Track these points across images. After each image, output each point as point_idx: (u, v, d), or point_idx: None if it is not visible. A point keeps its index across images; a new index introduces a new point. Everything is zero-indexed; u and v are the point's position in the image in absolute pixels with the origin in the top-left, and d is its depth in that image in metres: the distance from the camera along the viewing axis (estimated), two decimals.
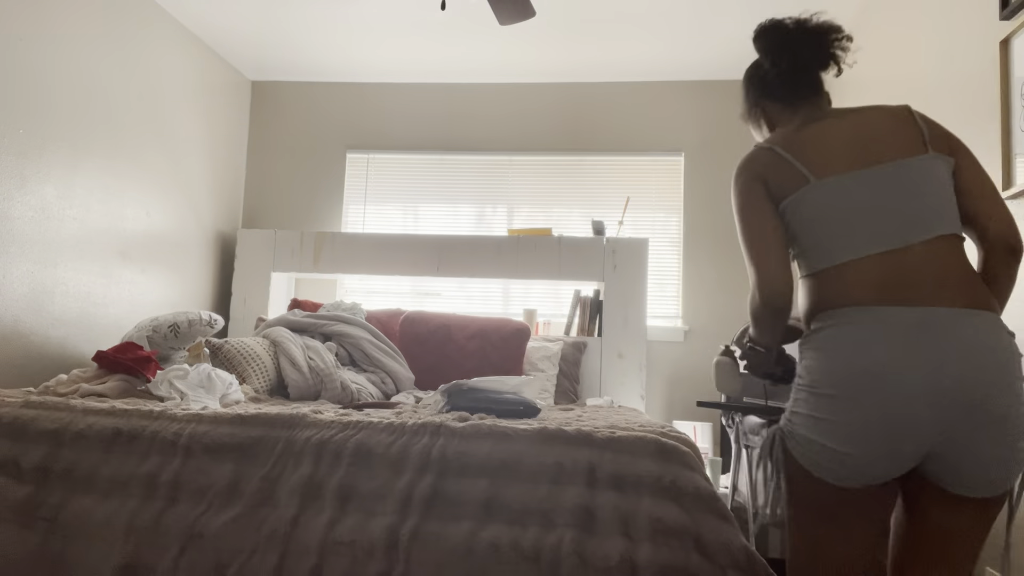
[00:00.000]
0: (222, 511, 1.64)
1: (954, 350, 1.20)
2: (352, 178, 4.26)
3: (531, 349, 3.34)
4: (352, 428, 1.75)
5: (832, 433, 1.25)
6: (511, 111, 4.13)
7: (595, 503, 1.56)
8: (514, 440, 1.68)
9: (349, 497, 1.63)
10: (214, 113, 3.96)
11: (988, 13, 2.13)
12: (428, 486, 1.61)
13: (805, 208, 1.37)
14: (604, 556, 1.47)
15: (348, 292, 4.17)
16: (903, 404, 1.20)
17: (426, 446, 1.68)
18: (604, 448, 1.65)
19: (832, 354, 1.27)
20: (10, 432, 1.82)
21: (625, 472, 1.60)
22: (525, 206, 4.12)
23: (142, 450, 1.76)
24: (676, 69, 3.88)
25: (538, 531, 1.54)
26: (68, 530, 1.66)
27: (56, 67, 2.82)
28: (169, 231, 3.58)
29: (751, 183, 1.42)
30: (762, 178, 1.41)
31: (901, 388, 1.20)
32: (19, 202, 2.66)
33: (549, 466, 1.62)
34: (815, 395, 1.28)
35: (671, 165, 4.00)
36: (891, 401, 1.20)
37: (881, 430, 1.21)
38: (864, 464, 1.23)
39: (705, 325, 3.84)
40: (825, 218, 1.35)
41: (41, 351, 2.80)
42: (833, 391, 1.25)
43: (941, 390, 1.19)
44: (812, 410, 1.28)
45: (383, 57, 3.91)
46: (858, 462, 1.24)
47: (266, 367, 2.76)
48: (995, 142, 2.07)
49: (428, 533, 1.55)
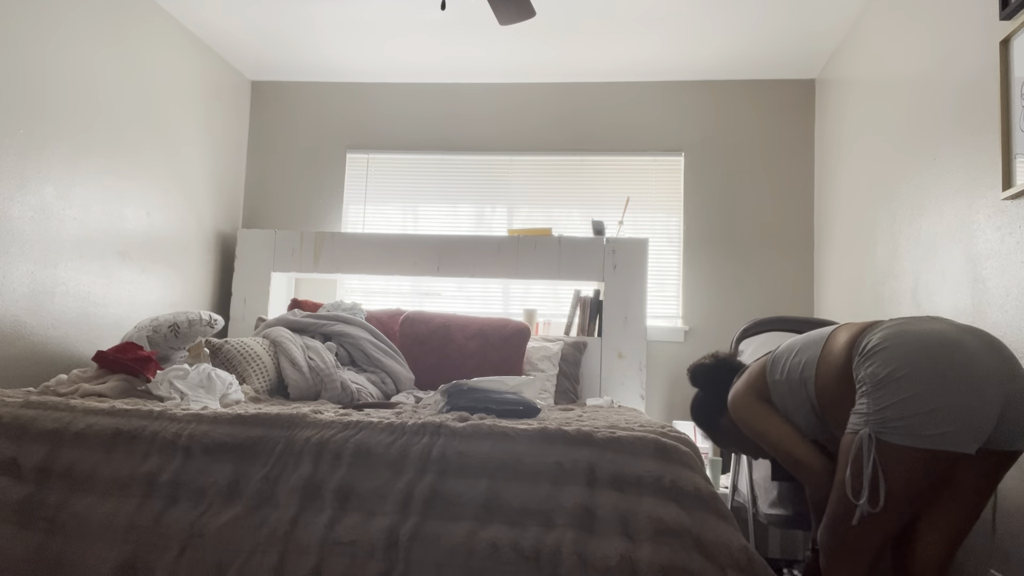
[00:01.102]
0: (222, 511, 1.64)
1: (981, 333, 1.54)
2: (352, 178, 4.26)
3: (531, 349, 3.34)
4: (352, 428, 1.75)
5: (927, 396, 1.43)
6: (511, 111, 4.13)
7: (595, 503, 1.56)
8: (514, 440, 1.67)
9: (349, 497, 1.63)
10: (214, 113, 3.96)
11: (988, 13, 2.13)
12: (428, 486, 1.61)
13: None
14: (604, 556, 1.47)
15: (348, 292, 4.17)
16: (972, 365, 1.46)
17: (426, 446, 1.68)
18: (604, 448, 1.65)
19: (894, 348, 1.50)
20: (10, 432, 1.82)
21: (625, 472, 1.60)
22: (525, 206, 4.12)
23: (142, 450, 1.76)
24: (676, 69, 3.88)
25: (538, 531, 1.54)
26: (68, 530, 1.66)
27: (56, 67, 2.82)
28: (169, 231, 3.58)
29: None
30: None
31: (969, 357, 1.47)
32: (19, 202, 2.66)
33: (549, 466, 1.62)
34: (894, 381, 1.46)
35: (671, 165, 4.01)
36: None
37: (961, 383, 1.44)
38: (966, 411, 1.42)
39: (705, 325, 3.84)
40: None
41: (41, 351, 2.80)
42: (907, 369, 1.45)
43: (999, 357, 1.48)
44: (897, 394, 1.45)
45: (383, 57, 3.91)
46: (960, 408, 1.42)
47: (266, 367, 2.76)
48: (995, 142, 2.07)
49: (428, 533, 1.55)
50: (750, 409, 1.81)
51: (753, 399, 1.82)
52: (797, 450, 1.72)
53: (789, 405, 1.76)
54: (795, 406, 1.74)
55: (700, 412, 2.15)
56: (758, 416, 1.79)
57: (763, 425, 1.78)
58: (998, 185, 2.04)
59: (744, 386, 1.87)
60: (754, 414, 1.80)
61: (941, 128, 2.42)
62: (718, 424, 2.09)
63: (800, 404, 1.73)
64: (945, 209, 2.37)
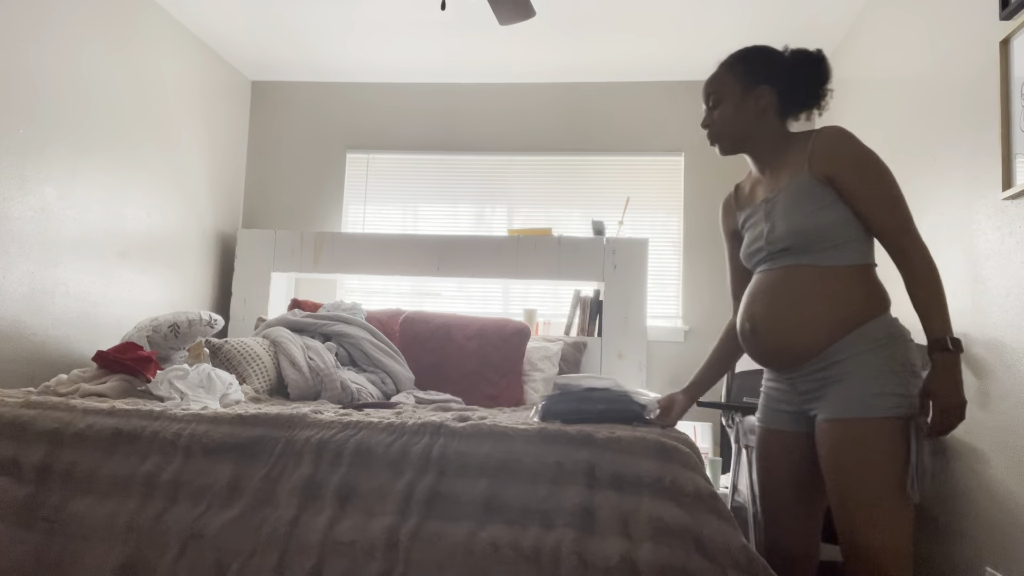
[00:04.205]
0: (222, 511, 1.64)
1: None
2: (352, 178, 4.26)
3: (531, 349, 3.34)
4: (352, 428, 1.75)
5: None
6: (511, 111, 4.13)
7: (595, 503, 1.56)
8: (514, 440, 1.67)
9: (349, 497, 1.63)
10: (214, 113, 3.96)
11: (988, 13, 2.13)
12: (428, 486, 1.61)
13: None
14: (604, 556, 1.47)
15: (348, 292, 4.17)
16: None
17: (426, 446, 1.68)
18: (604, 448, 1.64)
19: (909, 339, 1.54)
20: (10, 432, 1.82)
21: (625, 472, 1.60)
22: (525, 206, 4.12)
23: (142, 450, 1.76)
24: (676, 69, 3.88)
25: (538, 531, 1.54)
26: (68, 530, 1.66)
27: (56, 67, 2.82)
28: (169, 231, 3.57)
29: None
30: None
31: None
32: (19, 202, 2.66)
33: (549, 466, 1.62)
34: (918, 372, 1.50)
35: (671, 165, 4.00)
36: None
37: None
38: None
39: (705, 325, 3.84)
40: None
41: (41, 351, 2.79)
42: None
43: None
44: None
45: (383, 57, 3.91)
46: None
47: (266, 367, 2.76)
48: (995, 142, 2.07)
49: (428, 533, 1.55)
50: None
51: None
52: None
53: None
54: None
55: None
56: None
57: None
58: (998, 185, 2.04)
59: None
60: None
61: (941, 128, 2.42)
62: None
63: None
64: (945, 209, 2.37)
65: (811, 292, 1.55)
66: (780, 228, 1.59)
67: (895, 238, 1.51)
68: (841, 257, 1.55)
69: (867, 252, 1.58)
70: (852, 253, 1.55)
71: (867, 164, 1.53)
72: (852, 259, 1.55)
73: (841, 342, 1.52)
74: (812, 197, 1.56)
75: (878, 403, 1.46)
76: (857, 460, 1.47)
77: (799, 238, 1.56)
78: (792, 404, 1.67)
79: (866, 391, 1.48)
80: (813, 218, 1.55)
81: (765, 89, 1.66)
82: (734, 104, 1.68)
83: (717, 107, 1.70)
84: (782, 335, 1.59)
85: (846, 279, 1.54)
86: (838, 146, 1.56)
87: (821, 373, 1.56)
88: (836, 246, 1.55)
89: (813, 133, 1.62)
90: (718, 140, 1.73)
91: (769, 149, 1.69)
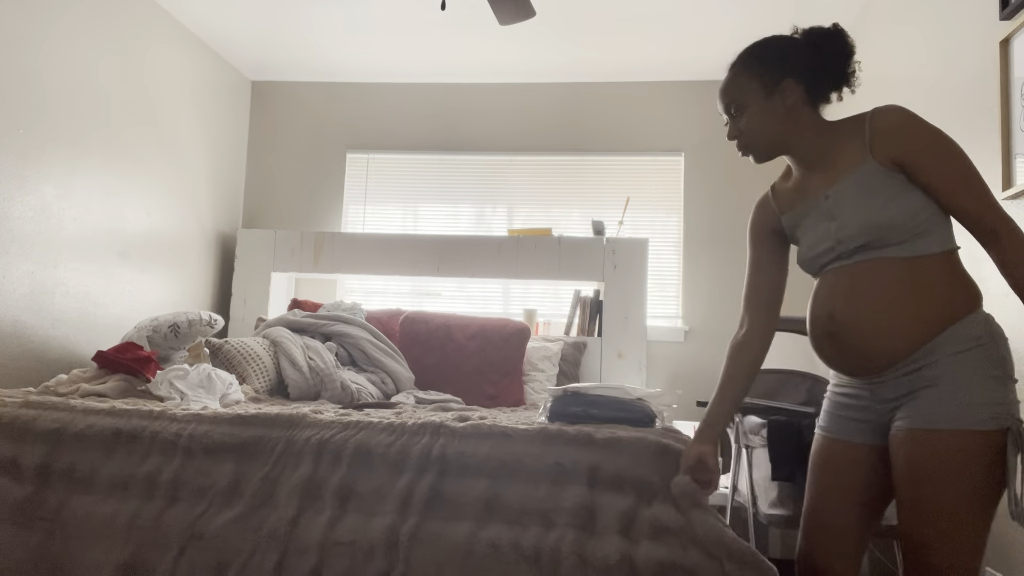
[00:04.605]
0: (222, 511, 1.64)
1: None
2: (352, 178, 4.26)
3: (531, 349, 3.34)
4: (352, 428, 1.75)
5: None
6: (511, 111, 4.13)
7: (595, 503, 1.57)
8: (514, 440, 1.68)
9: (349, 497, 1.63)
10: (214, 113, 3.96)
11: (988, 13, 2.13)
12: (428, 486, 1.61)
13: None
14: (604, 556, 1.48)
15: (348, 292, 4.17)
16: None
17: (426, 446, 1.68)
18: (605, 449, 1.65)
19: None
20: (10, 432, 1.82)
21: (625, 473, 1.60)
22: (525, 206, 4.12)
23: (142, 450, 1.76)
24: (676, 69, 3.88)
25: (538, 531, 1.54)
26: (68, 530, 1.66)
27: (56, 67, 2.82)
28: (169, 231, 3.58)
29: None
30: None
31: None
32: (19, 202, 2.66)
33: (549, 466, 1.62)
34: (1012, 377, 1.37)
35: (671, 165, 4.01)
36: None
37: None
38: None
39: (705, 325, 3.84)
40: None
41: (41, 351, 2.79)
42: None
43: None
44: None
45: (383, 57, 3.91)
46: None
47: (266, 367, 2.76)
48: (995, 142, 2.07)
49: (428, 533, 1.55)
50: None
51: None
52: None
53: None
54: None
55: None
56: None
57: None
58: (998, 185, 2.04)
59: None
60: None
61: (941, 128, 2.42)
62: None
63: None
64: None
65: (898, 287, 1.39)
66: (852, 225, 1.43)
67: (982, 218, 1.36)
68: (925, 246, 1.39)
69: (950, 237, 1.43)
70: (936, 240, 1.40)
71: (938, 143, 1.39)
72: (937, 246, 1.40)
73: (934, 341, 1.37)
74: (883, 186, 1.41)
75: (974, 414, 1.31)
76: (943, 474, 1.31)
77: (876, 232, 1.40)
78: (869, 413, 1.50)
79: (962, 399, 1.33)
80: (889, 209, 1.40)
81: (790, 83, 1.52)
82: (760, 108, 1.53)
83: (741, 115, 1.55)
84: (869, 335, 1.42)
85: (934, 270, 1.39)
86: (904, 127, 1.41)
87: (910, 377, 1.40)
88: (918, 235, 1.40)
89: (867, 116, 1.46)
90: (750, 150, 1.58)
91: (811, 145, 1.54)
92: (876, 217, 1.40)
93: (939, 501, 1.32)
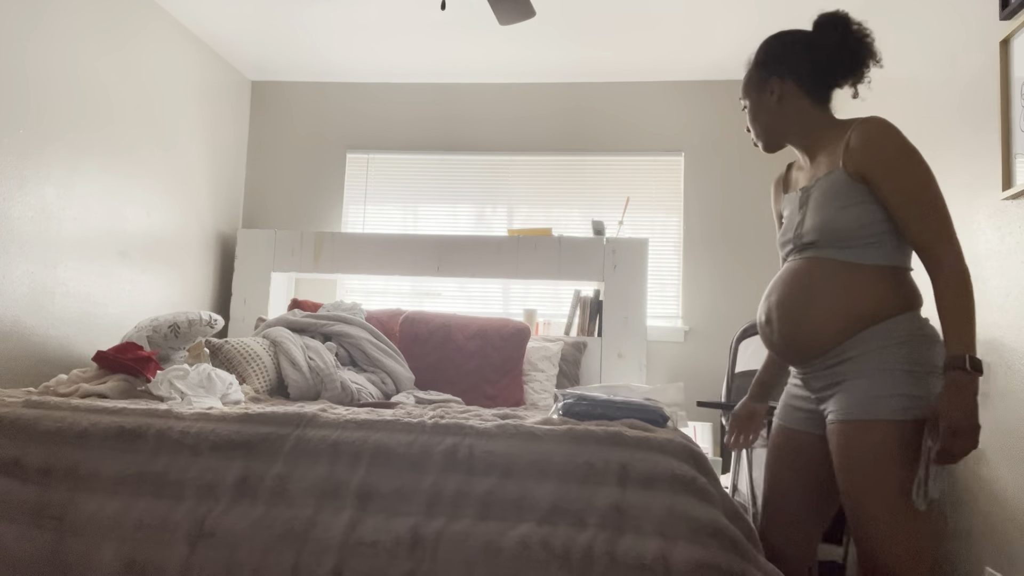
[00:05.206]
0: (232, 509, 1.64)
1: None
2: (352, 178, 4.26)
3: (531, 349, 3.34)
4: (367, 427, 1.75)
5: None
6: (511, 111, 4.13)
7: (627, 502, 1.56)
8: (543, 440, 1.68)
9: (370, 497, 1.62)
10: (214, 113, 3.96)
11: (988, 13, 2.13)
12: (455, 486, 1.61)
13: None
14: (638, 555, 1.47)
15: (348, 292, 4.17)
16: None
17: (452, 446, 1.68)
18: (636, 448, 1.65)
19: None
20: (12, 432, 1.82)
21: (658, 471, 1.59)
22: (525, 206, 4.12)
23: (149, 448, 1.76)
24: (676, 69, 3.88)
25: (568, 530, 1.54)
26: (75, 529, 1.66)
27: (56, 67, 2.82)
28: (169, 231, 3.57)
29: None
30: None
31: None
32: (19, 202, 2.66)
33: (579, 466, 1.62)
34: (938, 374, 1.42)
35: (671, 165, 4.01)
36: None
37: None
38: None
39: (705, 325, 3.84)
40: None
41: (41, 351, 2.79)
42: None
43: None
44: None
45: (383, 57, 3.91)
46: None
47: (266, 367, 2.76)
48: (995, 142, 2.07)
49: (455, 532, 1.54)
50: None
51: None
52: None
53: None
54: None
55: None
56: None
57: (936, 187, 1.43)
58: (998, 185, 2.04)
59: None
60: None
61: (941, 128, 2.42)
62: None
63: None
64: None
65: (829, 285, 1.47)
66: (809, 222, 1.52)
67: (928, 245, 1.39)
68: (867, 256, 1.46)
69: (899, 256, 1.48)
70: (879, 253, 1.46)
71: (903, 165, 1.42)
72: (879, 259, 1.46)
73: (854, 338, 1.45)
74: (844, 194, 1.47)
75: (886, 405, 1.38)
76: (865, 466, 1.39)
77: (825, 234, 1.48)
78: (808, 402, 1.61)
79: (874, 391, 1.40)
80: (841, 215, 1.46)
81: (775, 81, 1.59)
82: (754, 102, 1.64)
83: (747, 108, 1.67)
84: (793, 325, 1.52)
85: (869, 276, 1.45)
86: (874, 143, 1.45)
87: (831, 370, 1.49)
88: (864, 245, 1.46)
89: (853, 123, 1.51)
90: (758, 141, 1.67)
91: (808, 137, 1.60)
92: (828, 220, 1.48)
93: (866, 487, 1.40)
